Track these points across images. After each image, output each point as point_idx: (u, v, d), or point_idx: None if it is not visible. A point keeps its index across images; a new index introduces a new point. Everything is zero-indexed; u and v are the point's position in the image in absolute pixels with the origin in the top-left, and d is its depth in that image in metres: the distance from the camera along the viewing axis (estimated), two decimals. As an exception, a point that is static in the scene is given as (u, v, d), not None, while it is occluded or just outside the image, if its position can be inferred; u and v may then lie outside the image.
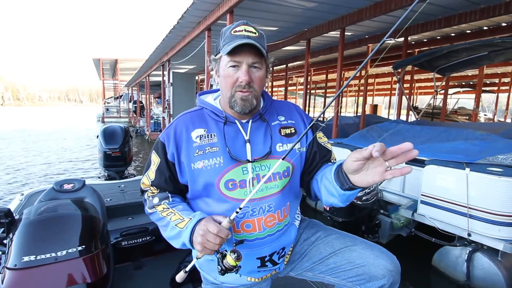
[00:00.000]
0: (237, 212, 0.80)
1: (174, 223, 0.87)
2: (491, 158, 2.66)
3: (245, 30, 0.86)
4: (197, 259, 0.84)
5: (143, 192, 1.01)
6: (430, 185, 2.74)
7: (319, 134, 1.01)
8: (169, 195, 0.95)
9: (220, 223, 0.80)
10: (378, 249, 0.94)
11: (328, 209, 2.80)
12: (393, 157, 0.66)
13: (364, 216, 2.91)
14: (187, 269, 0.85)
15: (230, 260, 0.79)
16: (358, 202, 2.68)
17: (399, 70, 5.26)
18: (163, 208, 0.92)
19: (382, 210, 3.06)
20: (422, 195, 2.80)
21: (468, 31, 6.20)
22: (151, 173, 0.96)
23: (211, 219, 0.81)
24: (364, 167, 0.71)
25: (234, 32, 0.86)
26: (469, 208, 2.45)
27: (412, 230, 2.80)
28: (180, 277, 0.86)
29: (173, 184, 0.96)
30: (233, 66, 0.86)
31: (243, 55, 0.85)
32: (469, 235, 2.45)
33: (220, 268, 0.81)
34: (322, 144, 1.01)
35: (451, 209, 2.58)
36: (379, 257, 0.91)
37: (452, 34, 6.45)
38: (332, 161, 1.01)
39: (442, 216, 2.64)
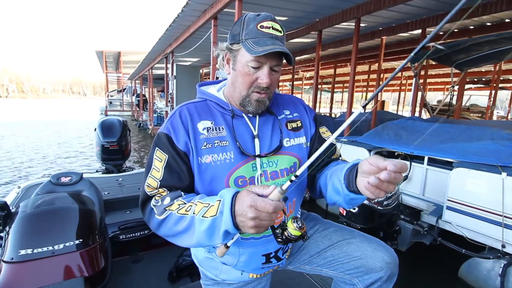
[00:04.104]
0: (291, 181, 0.67)
1: (200, 214, 0.71)
2: (527, 161, 2.40)
3: (272, 28, 0.80)
4: (240, 234, 0.76)
5: (146, 200, 0.82)
6: (458, 190, 2.49)
7: (323, 129, 1.00)
8: (182, 193, 0.82)
9: (264, 196, 0.67)
10: (376, 242, 0.94)
11: (345, 213, 2.57)
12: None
13: (383, 222, 2.68)
14: (229, 244, 0.77)
15: (293, 231, 0.72)
16: (379, 207, 2.44)
17: (416, 64, 4.95)
18: (179, 204, 0.77)
19: (403, 216, 2.82)
20: (448, 200, 2.55)
21: (488, 24, 5.85)
22: (157, 173, 0.82)
23: (255, 195, 0.66)
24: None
25: (261, 27, 0.79)
26: (505, 216, 2.20)
27: (438, 239, 2.56)
28: (220, 251, 0.78)
29: (189, 179, 0.84)
30: (255, 67, 0.81)
31: (268, 58, 0.79)
32: (503, 246, 2.21)
33: (281, 240, 0.74)
34: (326, 139, 0.98)
35: (483, 217, 2.33)
36: (377, 250, 0.90)
37: (471, 27, 6.10)
38: (339, 157, 1.00)
39: (472, 225, 2.40)
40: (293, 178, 0.67)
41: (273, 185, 0.67)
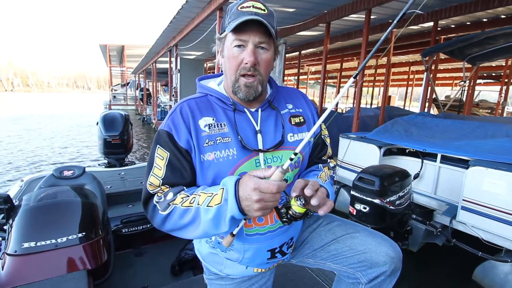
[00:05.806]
0: (291, 159, 0.67)
1: (204, 204, 0.72)
2: (548, 160, 2.28)
3: (253, 7, 0.79)
4: (245, 220, 0.77)
5: (149, 198, 0.82)
6: (474, 190, 2.38)
7: (322, 125, 1.01)
8: (184, 187, 0.82)
9: (265, 178, 0.68)
10: (380, 236, 0.93)
11: (355, 213, 2.48)
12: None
13: (395, 222, 2.58)
14: (235, 232, 0.78)
15: (297, 209, 0.72)
16: (391, 207, 2.34)
17: (427, 58, 4.79)
18: (182, 198, 0.77)
19: (415, 215, 2.72)
20: (464, 200, 2.44)
21: (502, 16, 5.64)
22: (159, 171, 0.81)
23: (256, 179, 0.67)
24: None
25: (241, 8, 0.79)
26: (525, 218, 2.09)
27: (452, 241, 2.46)
28: (227, 241, 0.80)
29: (191, 177, 0.83)
30: (238, 46, 0.80)
31: (249, 33, 0.78)
32: (522, 249, 2.11)
33: (286, 220, 0.74)
34: (322, 137, 1.00)
35: (501, 218, 2.23)
36: (381, 244, 0.89)
37: (484, 20, 5.89)
38: (328, 159, 1.02)
39: (488, 226, 2.30)
40: (292, 156, 0.67)
41: (274, 166, 0.67)
